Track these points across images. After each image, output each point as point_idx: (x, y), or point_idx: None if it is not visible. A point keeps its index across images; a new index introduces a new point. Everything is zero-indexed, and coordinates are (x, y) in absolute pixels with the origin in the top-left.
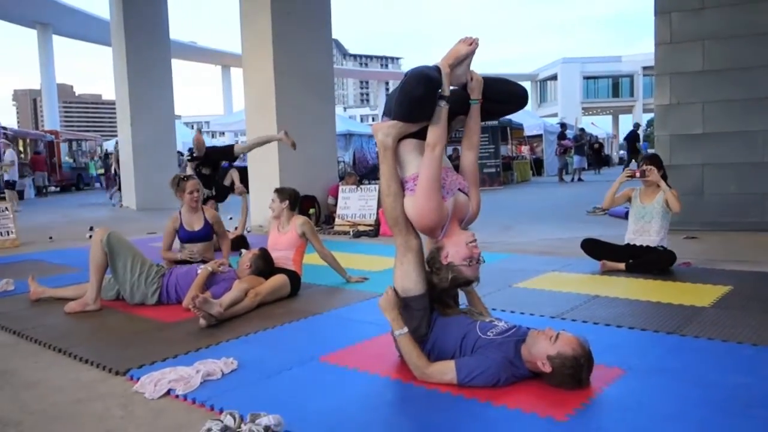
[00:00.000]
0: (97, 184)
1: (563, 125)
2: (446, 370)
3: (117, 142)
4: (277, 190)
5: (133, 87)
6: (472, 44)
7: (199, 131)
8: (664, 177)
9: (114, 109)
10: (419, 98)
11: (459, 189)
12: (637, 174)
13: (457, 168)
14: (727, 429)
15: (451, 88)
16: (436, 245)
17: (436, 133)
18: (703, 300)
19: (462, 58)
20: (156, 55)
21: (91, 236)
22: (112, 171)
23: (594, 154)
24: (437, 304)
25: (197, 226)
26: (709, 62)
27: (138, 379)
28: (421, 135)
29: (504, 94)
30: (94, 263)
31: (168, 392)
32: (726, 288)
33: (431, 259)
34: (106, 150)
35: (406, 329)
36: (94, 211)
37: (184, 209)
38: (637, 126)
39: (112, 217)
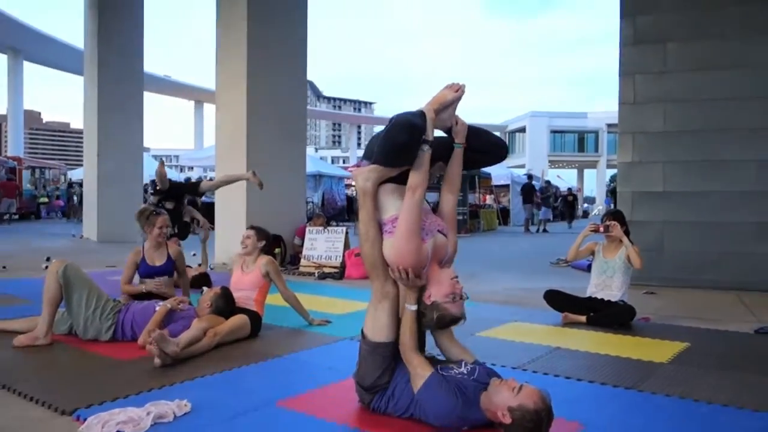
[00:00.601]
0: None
1: (530, 176)
2: (422, 372)
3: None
4: (255, 228)
5: (102, 117)
6: (459, 90)
7: (162, 163)
8: (627, 233)
9: (81, 137)
10: (402, 145)
11: (438, 230)
12: (601, 229)
13: (434, 210)
14: None
15: (435, 132)
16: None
17: (418, 176)
18: (661, 356)
19: (447, 104)
20: (129, 86)
21: (47, 267)
22: (74, 200)
23: (567, 206)
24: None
25: (159, 261)
26: (669, 123)
27: (85, 419)
28: (399, 179)
29: (486, 145)
30: (47, 295)
31: None
32: (683, 344)
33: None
34: (70, 179)
35: (415, 307)
36: (53, 240)
37: (149, 244)
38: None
39: (71, 248)
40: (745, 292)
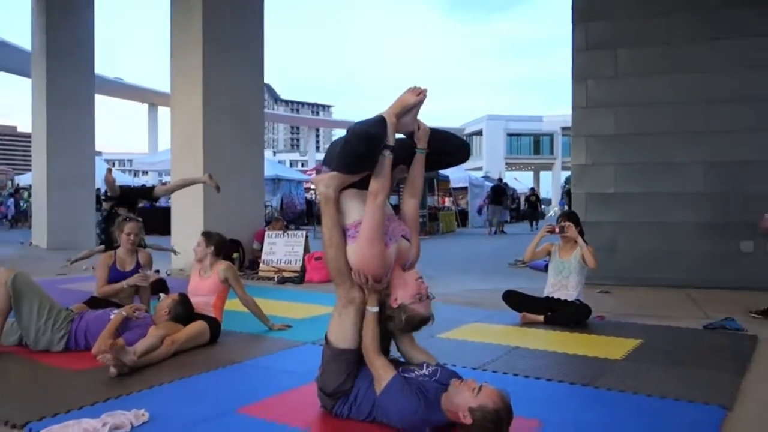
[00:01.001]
0: None
1: (500, 179)
2: (385, 375)
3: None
4: (204, 234)
5: (52, 119)
6: (420, 94)
7: (109, 170)
8: (582, 233)
9: (29, 141)
10: (361, 155)
11: (402, 236)
12: (556, 230)
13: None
14: None
15: (397, 136)
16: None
17: (379, 182)
18: (616, 353)
19: (409, 108)
20: (79, 88)
21: None
22: (21, 206)
23: (530, 207)
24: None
25: (129, 267)
26: (620, 127)
27: None
28: (361, 184)
29: (450, 147)
30: None
31: None
32: (636, 341)
33: (382, 308)
34: (17, 184)
35: (377, 308)
36: (1, 248)
37: (121, 249)
38: (568, 181)
39: (19, 255)
40: (693, 289)
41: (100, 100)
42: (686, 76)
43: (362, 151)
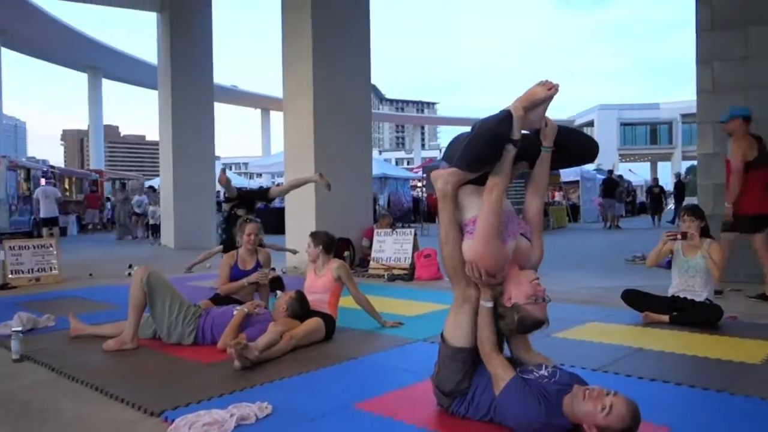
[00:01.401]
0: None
1: (610, 171)
2: (504, 375)
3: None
4: (312, 235)
5: (176, 128)
6: (552, 89)
7: (223, 171)
8: (706, 227)
9: (156, 148)
10: (485, 156)
11: (521, 234)
12: (679, 236)
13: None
14: None
15: (523, 132)
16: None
17: (497, 176)
18: (754, 356)
19: (538, 102)
20: (199, 98)
21: (130, 273)
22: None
23: (653, 200)
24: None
25: (249, 266)
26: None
27: (173, 420)
28: (480, 181)
29: (578, 147)
30: (133, 302)
31: None
32: None
33: (495, 305)
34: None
35: (491, 303)
36: (133, 248)
37: (242, 249)
38: (678, 175)
39: (151, 255)
40: None
41: (217, 107)
42: None
43: (486, 153)
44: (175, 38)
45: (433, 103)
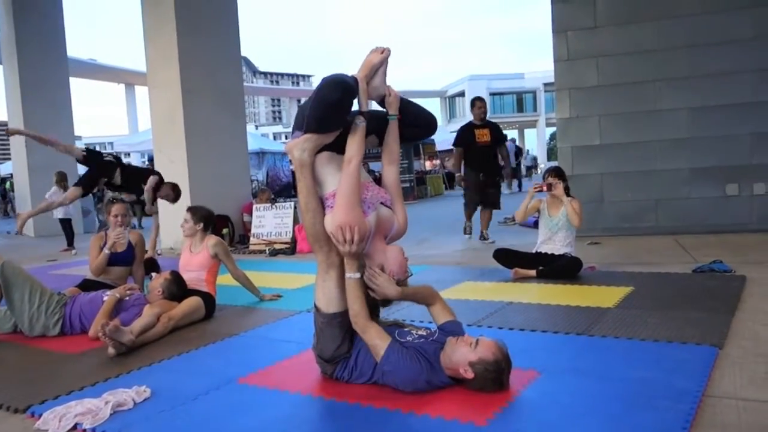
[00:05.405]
0: None
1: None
2: (381, 343)
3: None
4: (190, 209)
5: (27, 107)
6: (384, 52)
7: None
8: (567, 188)
9: (3, 129)
10: (335, 103)
11: (381, 203)
12: (544, 188)
13: (378, 183)
14: (636, 421)
15: (370, 104)
16: (377, 264)
17: (353, 147)
18: (608, 301)
19: (377, 67)
20: (52, 72)
21: None
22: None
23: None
24: None
25: (120, 248)
26: (602, 78)
27: (40, 415)
28: (335, 147)
29: (419, 118)
30: None
31: (75, 427)
32: (627, 289)
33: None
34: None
35: (358, 275)
36: None
37: (111, 230)
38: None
39: (7, 245)
40: (681, 235)
41: (74, 82)
42: (668, 22)
43: (336, 99)
44: (19, 10)
45: (309, 76)
